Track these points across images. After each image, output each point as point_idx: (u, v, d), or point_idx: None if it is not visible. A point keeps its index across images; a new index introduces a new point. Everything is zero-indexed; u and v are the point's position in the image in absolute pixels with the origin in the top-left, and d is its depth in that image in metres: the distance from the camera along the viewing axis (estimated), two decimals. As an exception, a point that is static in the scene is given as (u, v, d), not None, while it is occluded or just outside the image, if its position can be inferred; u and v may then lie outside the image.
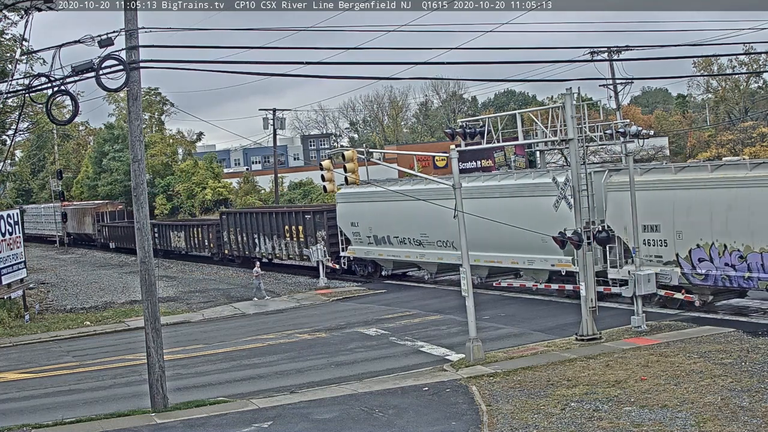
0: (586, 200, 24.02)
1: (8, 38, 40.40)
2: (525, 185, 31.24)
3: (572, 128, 24.15)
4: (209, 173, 78.00)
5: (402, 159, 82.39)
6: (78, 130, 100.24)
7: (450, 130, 25.20)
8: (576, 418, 16.29)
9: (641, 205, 25.72)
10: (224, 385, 22.20)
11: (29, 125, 56.08)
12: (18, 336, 32.87)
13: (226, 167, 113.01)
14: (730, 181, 24.51)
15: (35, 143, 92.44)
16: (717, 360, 19.95)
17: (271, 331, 30.12)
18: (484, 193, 32.43)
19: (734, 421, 15.30)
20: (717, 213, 24.72)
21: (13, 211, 38.32)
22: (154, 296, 19.80)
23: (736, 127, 78.66)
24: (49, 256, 74.22)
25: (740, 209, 24.17)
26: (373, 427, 17.05)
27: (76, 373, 25.33)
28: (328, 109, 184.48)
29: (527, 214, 29.45)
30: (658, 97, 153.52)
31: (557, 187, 28.69)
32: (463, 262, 23.05)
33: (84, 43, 18.20)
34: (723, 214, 24.53)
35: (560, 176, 28.80)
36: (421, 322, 29.55)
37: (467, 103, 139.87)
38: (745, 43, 68.99)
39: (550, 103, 62.34)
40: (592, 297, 24.07)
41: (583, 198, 23.90)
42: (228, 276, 49.48)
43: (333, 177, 27.19)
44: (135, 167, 19.77)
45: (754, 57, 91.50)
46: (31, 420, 19.63)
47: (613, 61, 46.91)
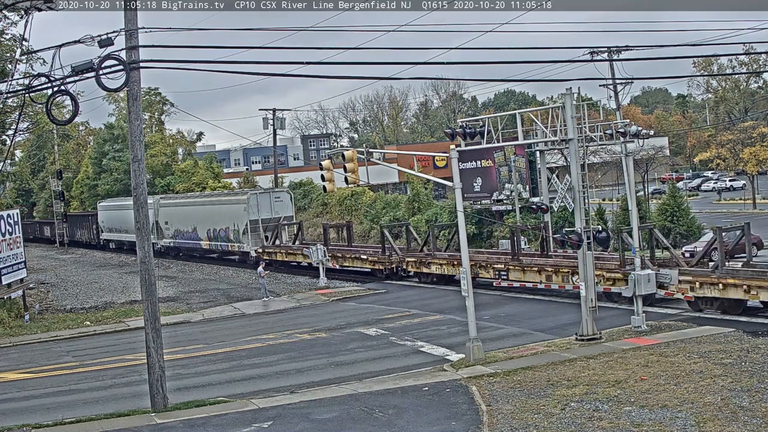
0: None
1: (8, 38, 40.45)
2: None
3: (572, 128, 24.16)
4: (209, 173, 77.96)
5: (402, 159, 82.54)
6: (78, 130, 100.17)
7: (450, 130, 25.18)
8: (576, 418, 16.29)
9: (180, 214, 59.04)
10: (224, 385, 22.20)
11: (29, 125, 56.11)
12: (18, 336, 32.86)
13: (226, 167, 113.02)
14: (208, 203, 57.46)
15: (35, 143, 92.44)
16: (717, 360, 19.95)
17: (271, 331, 30.13)
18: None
19: (734, 421, 15.29)
20: (205, 214, 56.88)
21: (13, 211, 38.32)
22: (154, 296, 19.79)
23: (736, 127, 78.63)
24: (49, 256, 74.24)
25: (210, 212, 55.91)
26: (373, 427, 17.04)
27: (76, 373, 25.32)
28: (328, 109, 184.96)
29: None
30: (658, 97, 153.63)
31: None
32: (463, 261, 23.05)
33: (84, 43, 18.19)
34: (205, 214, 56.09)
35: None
36: (421, 322, 29.56)
37: (467, 103, 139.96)
38: (745, 43, 69.02)
39: (550, 103, 62.33)
40: (592, 297, 24.07)
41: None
42: (228, 276, 49.51)
43: (333, 177, 27.24)
44: (135, 167, 19.77)
45: (754, 57, 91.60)
46: (31, 420, 19.62)
47: (613, 61, 46.85)
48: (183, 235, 60.21)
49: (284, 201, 53.35)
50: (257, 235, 51.61)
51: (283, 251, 49.02)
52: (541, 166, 33.51)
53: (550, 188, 30.98)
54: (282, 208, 52.87)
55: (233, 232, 53.22)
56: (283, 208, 52.97)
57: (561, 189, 25.01)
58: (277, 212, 52.48)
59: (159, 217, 61.29)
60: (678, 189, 50.27)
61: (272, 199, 52.75)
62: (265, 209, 51.97)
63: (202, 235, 57.40)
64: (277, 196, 53.39)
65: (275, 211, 52.40)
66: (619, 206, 48.18)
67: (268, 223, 51.99)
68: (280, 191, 55.49)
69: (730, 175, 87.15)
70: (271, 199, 52.64)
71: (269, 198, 52.72)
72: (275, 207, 52.47)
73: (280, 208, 52.72)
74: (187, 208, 59.71)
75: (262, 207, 51.92)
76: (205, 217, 56.76)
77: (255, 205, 51.69)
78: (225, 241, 54.54)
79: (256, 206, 51.71)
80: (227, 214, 53.78)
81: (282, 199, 53.39)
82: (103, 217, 73.89)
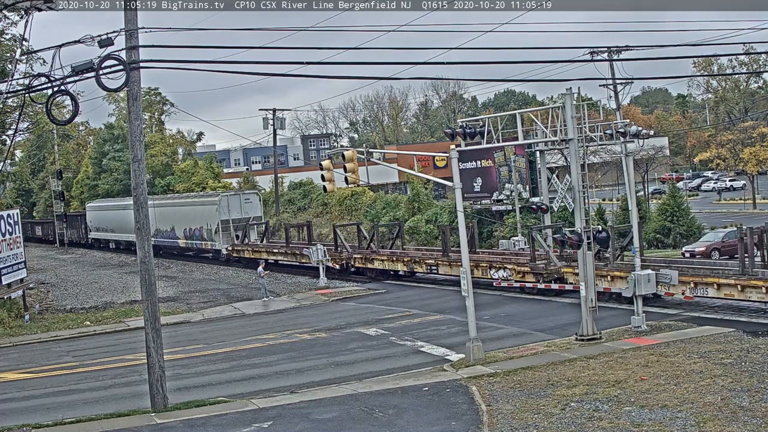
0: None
1: (8, 38, 40.44)
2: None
3: (572, 128, 24.15)
4: (209, 173, 77.98)
5: (402, 159, 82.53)
6: (78, 130, 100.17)
7: (450, 130, 25.18)
8: (576, 418, 16.28)
9: (159, 214, 57.66)
10: (224, 385, 22.19)
11: (29, 125, 56.19)
12: (18, 336, 32.85)
13: (226, 167, 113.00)
14: (184, 204, 58.22)
15: (35, 143, 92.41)
16: (717, 360, 19.95)
17: (271, 331, 30.12)
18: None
19: (734, 421, 15.29)
20: (182, 214, 58.21)
21: (13, 211, 38.32)
22: (154, 296, 19.79)
23: (736, 127, 78.65)
24: (49, 256, 74.24)
25: (186, 213, 56.85)
26: (373, 427, 17.04)
27: (76, 373, 25.32)
28: (328, 109, 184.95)
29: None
30: (658, 97, 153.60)
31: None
32: (464, 261, 23.05)
33: (84, 43, 18.19)
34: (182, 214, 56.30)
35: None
36: (421, 322, 29.55)
37: (467, 103, 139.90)
38: (745, 43, 68.96)
39: (550, 103, 62.36)
40: (592, 297, 24.07)
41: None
42: (228, 276, 49.51)
43: (333, 177, 27.23)
44: (135, 167, 19.77)
45: (754, 57, 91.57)
46: (31, 420, 19.61)
47: (613, 61, 46.85)
48: (162, 234, 62.11)
49: (253, 202, 56.77)
50: (228, 234, 54.78)
51: (250, 249, 52.09)
52: (541, 166, 33.58)
53: (550, 188, 31.01)
54: (251, 209, 56.25)
55: (206, 231, 56.42)
56: (252, 208, 56.36)
57: (561, 189, 25.02)
58: (246, 213, 55.75)
59: None
60: (678, 189, 50.29)
61: (242, 200, 56.10)
62: (235, 210, 55.40)
63: (180, 234, 60.09)
64: (246, 198, 56.75)
65: (245, 211, 55.74)
66: (619, 206, 48.21)
67: (239, 223, 54.96)
68: (250, 193, 58.79)
69: (730, 175, 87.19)
70: (241, 201, 55.96)
71: (239, 199, 56.03)
72: (245, 208, 55.91)
73: (249, 209, 56.04)
74: (166, 208, 61.64)
75: (233, 208, 55.34)
76: (182, 218, 59.35)
77: (226, 206, 55.01)
78: (199, 240, 57.74)
79: (227, 207, 55.05)
80: (201, 215, 56.91)
81: (251, 200, 56.77)
82: (90, 218, 77.14)
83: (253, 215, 55.87)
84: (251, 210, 56.14)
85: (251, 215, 55.71)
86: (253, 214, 55.97)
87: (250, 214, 55.70)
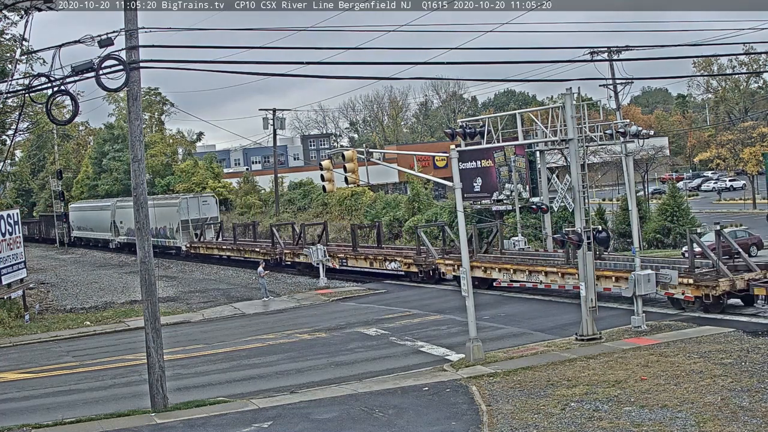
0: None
1: (8, 38, 40.43)
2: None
3: (572, 128, 24.15)
4: (209, 173, 78.04)
5: (402, 159, 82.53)
6: (78, 130, 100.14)
7: (450, 130, 25.19)
8: (576, 418, 16.28)
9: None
10: (224, 385, 22.20)
11: (29, 125, 56.20)
12: (18, 336, 32.86)
13: (226, 167, 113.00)
14: (152, 206, 42.15)
15: (35, 143, 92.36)
16: (717, 360, 19.95)
17: (271, 331, 30.12)
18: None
19: (734, 421, 15.29)
20: (150, 215, 52.09)
21: (13, 211, 38.32)
22: (154, 296, 19.79)
23: (736, 127, 78.65)
24: (49, 256, 74.22)
25: (153, 213, 42.27)
26: (373, 427, 17.04)
27: (76, 373, 25.32)
28: (328, 109, 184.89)
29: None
30: (658, 97, 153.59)
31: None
32: (463, 261, 23.05)
33: (84, 43, 18.18)
34: (150, 215, 49.92)
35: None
36: (421, 322, 29.55)
37: (467, 103, 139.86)
38: (745, 43, 69.00)
39: (550, 103, 62.37)
40: (592, 297, 24.07)
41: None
42: (228, 276, 49.53)
43: (333, 177, 27.23)
44: (135, 167, 19.78)
45: (754, 57, 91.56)
46: (31, 420, 19.61)
47: (613, 61, 46.84)
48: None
49: (210, 204, 62.02)
50: (188, 232, 60.16)
51: (205, 245, 58.10)
52: (541, 166, 33.63)
53: (550, 188, 31.01)
54: (208, 210, 61.48)
55: (169, 230, 61.71)
56: (209, 209, 61.56)
57: (561, 189, 25.02)
58: (204, 213, 60.87)
59: (116, 217, 70.93)
60: (678, 189, 50.26)
61: (200, 202, 61.41)
62: (194, 211, 60.56)
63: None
64: (204, 200, 62.03)
65: (203, 212, 60.93)
66: (619, 206, 48.19)
67: (197, 223, 60.25)
68: (207, 196, 63.62)
69: (730, 175, 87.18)
70: (200, 203, 61.28)
71: (198, 201, 61.35)
72: (203, 209, 61.05)
73: (206, 210, 61.24)
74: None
75: (192, 209, 60.49)
76: (150, 218, 63.26)
77: (185, 208, 60.30)
78: (164, 238, 62.74)
79: (186, 208, 60.31)
80: (166, 215, 61.72)
81: (209, 202, 62.05)
82: (73, 218, 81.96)
83: (210, 216, 61.09)
84: (208, 211, 61.25)
85: (208, 216, 60.96)
86: (209, 215, 61.16)
87: (207, 215, 60.89)
